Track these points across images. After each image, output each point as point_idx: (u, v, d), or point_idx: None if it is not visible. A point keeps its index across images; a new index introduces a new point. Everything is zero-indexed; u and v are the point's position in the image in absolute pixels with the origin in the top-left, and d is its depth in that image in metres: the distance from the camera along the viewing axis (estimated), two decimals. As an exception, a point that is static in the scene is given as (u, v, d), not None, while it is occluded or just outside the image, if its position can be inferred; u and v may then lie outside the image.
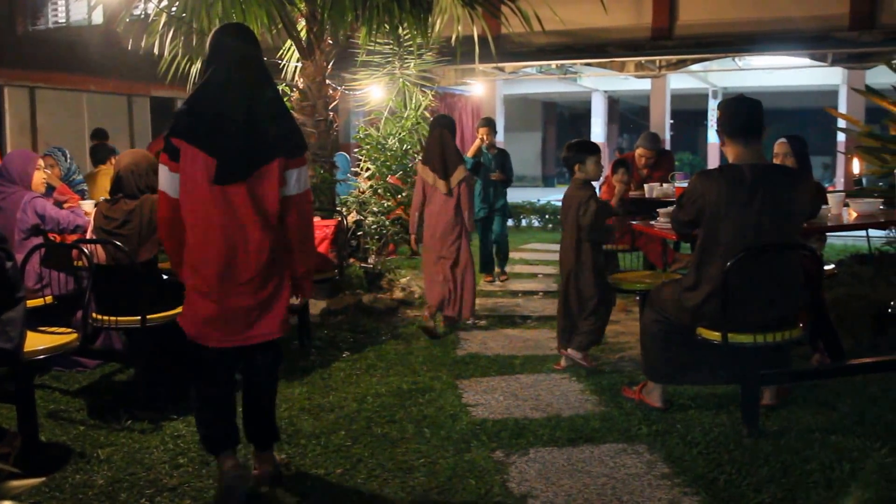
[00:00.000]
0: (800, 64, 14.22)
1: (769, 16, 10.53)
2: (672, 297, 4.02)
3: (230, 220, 3.07)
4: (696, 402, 4.34)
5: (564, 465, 3.63)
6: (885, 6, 10.11)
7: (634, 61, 11.96)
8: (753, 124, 3.88)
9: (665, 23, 11.10)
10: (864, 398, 4.31)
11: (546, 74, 16.08)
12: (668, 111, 16.24)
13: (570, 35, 11.12)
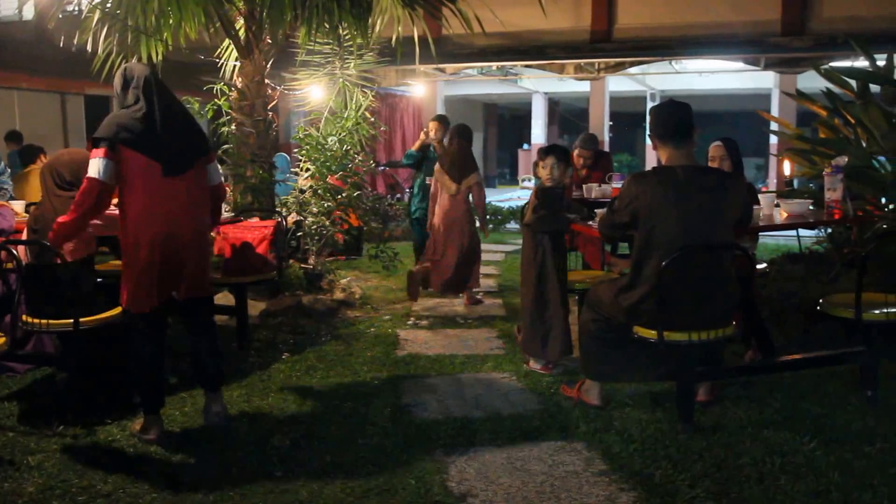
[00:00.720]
0: (734, 68, 14.54)
1: (704, 20, 10.75)
2: (608, 296, 4.09)
3: (175, 205, 3.92)
4: (633, 400, 4.42)
5: (504, 463, 3.66)
6: (814, 14, 10.40)
7: (574, 64, 12.07)
8: (684, 127, 3.97)
9: (604, 26, 11.24)
10: (794, 394, 4.43)
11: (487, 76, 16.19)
12: (607, 113, 16.48)
13: (511, 37, 11.20)
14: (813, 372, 4.67)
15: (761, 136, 17.25)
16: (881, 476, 3.39)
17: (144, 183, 3.86)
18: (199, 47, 7.23)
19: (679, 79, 18.67)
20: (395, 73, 12.05)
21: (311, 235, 7.26)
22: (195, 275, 4.04)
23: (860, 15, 10.09)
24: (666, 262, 3.72)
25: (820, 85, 6.78)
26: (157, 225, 3.86)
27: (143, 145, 3.85)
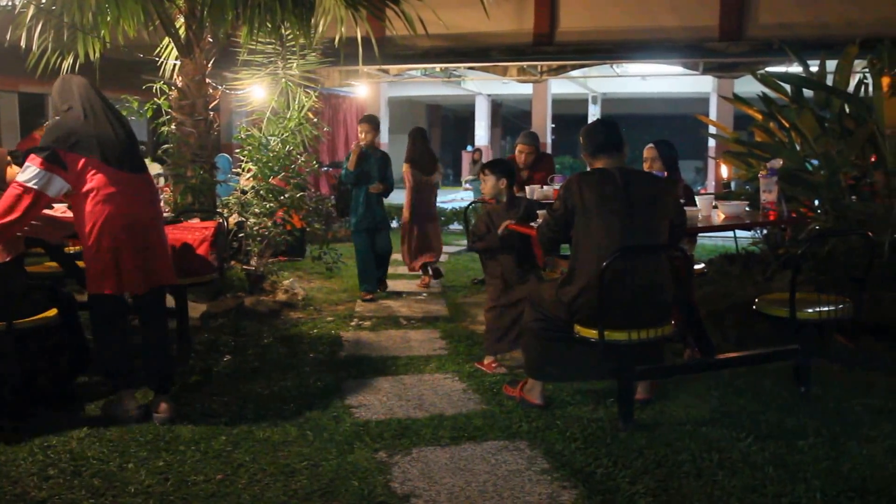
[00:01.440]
0: (674, 72, 14.81)
1: (645, 25, 10.92)
2: (550, 294, 4.14)
3: (138, 197, 4.16)
4: (574, 399, 4.47)
5: (447, 463, 3.66)
6: (751, 20, 10.64)
7: (517, 66, 12.16)
8: (613, 142, 4.14)
9: (546, 29, 11.34)
10: (731, 391, 4.54)
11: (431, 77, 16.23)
12: (550, 115, 16.64)
13: (455, 39, 11.23)
14: (749, 369, 4.79)
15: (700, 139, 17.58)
16: (813, 470, 3.48)
17: (108, 181, 4.00)
18: (138, 45, 7.10)
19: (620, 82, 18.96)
20: (339, 73, 12.00)
21: (253, 237, 7.18)
22: (161, 262, 4.27)
23: (794, 22, 10.35)
24: (605, 262, 3.78)
25: (756, 89, 6.95)
26: (124, 217, 4.04)
27: (97, 147, 3.99)
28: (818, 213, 6.25)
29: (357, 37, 6.74)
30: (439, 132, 30.56)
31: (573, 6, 11.31)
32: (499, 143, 29.47)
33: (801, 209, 6.31)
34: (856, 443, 3.77)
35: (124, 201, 4.05)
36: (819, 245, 5.83)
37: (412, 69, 13.66)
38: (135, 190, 4.14)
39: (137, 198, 4.14)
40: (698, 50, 10.87)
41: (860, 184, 6.35)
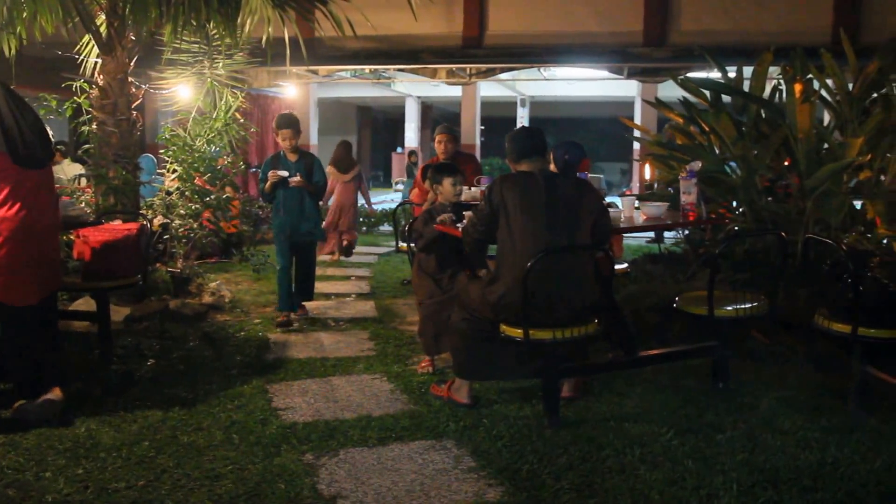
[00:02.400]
0: (599, 76, 15.04)
1: (571, 30, 11.08)
2: (477, 294, 4.19)
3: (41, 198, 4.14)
4: (501, 397, 4.53)
5: (374, 464, 3.68)
6: (674, 27, 10.90)
7: (446, 68, 12.22)
8: (537, 148, 4.24)
9: (475, 32, 11.42)
10: (653, 387, 4.65)
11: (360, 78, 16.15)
12: (479, 117, 16.72)
13: (384, 41, 11.22)
14: (670, 366, 4.92)
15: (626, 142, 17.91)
16: (730, 462, 3.61)
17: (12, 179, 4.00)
18: (57, 42, 6.92)
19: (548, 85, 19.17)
20: (267, 74, 11.88)
21: (179, 238, 7.07)
22: (56, 266, 4.33)
23: (714, 29, 10.64)
24: (530, 262, 3.84)
25: (679, 94, 7.12)
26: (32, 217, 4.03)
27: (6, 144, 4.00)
28: (736, 213, 6.44)
29: (285, 37, 6.70)
30: (369, 134, 30.45)
31: (502, 10, 11.42)
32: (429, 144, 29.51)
33: (720, 210, 6.49)
34: (770, 435, 3.91)
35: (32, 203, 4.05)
36: (736, 245, 6.01)
37: (342, 70, 13.60)
38: (40, 189, 4.12)
39: (42, 201, 4.13)
40: (623, 55, 11.09)
41: (775, 185, 6.56)
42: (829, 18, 10.17)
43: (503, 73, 12.68)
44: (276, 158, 6.62)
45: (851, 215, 6.16)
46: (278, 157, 6.61)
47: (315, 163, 6.66)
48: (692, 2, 10.92)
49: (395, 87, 20.51)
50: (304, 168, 6.53)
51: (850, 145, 5.79)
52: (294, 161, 6.54)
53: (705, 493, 3.33)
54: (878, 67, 6.14)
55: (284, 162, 6.54)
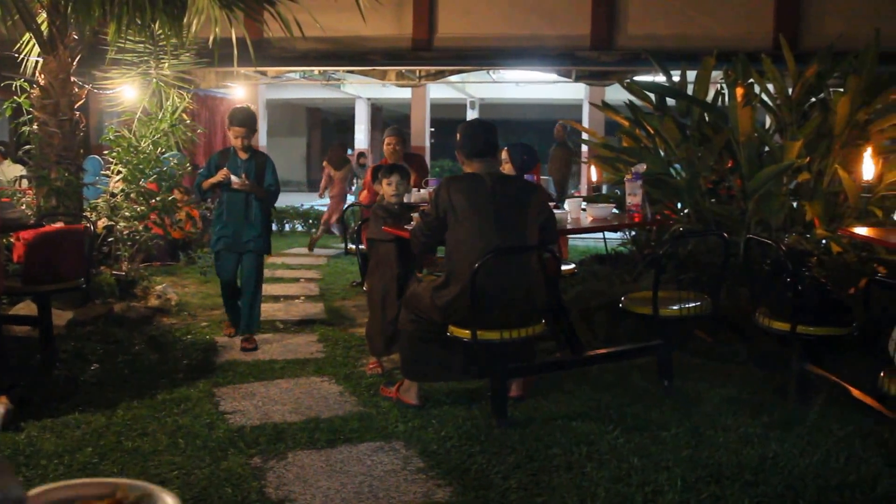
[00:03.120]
0: (548, 79, 15.19)
1: (520, 33, 11.16)
2: (425, 296, 4.20)
3: None
4: (450, 398, 4.55)
5: (323, 466, 3.67)
6: (620, 31, 11.04)
7: (395, 70, 12.22)
8: (489, 146, 4.22)
9: (425, 34, 11.44)
10: (600, 386, 4.71)
11: (310, 80, 16.07)
12: (429, 120, 16.76)
13: (334, 42, 11.18)
14: (617, 365, 4.99)
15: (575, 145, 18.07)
16: (675, 458, 3.66)
17: None
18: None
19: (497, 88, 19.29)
20: (215, 74, 11.75)
21: (124, 241, 6.96)
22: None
23: (660, 34, 10.81)
24: (478, 263, 3.87)
25: (625, 97, 7.22)
26: None
27: None
28: (680, 214, 6.56)
29: (232, 38, 6.63)
30: (319, 135, 30.29)
31: (451, 13, 11.46)
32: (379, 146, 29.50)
33: (665, 211, 6.60)
34: (713, 431, 3.99)
35: None
36: (681, 245, 6.12)
37: (291, 72, 13.52)
38: None
39: None
40: (571, 58, 11.21)
41: (718, 187, 6.70)
42: (771, 25, 10.39)
43: (452, 75, 12.73)
44: (225, 155, 5.92)
45: (791, 216, 6.31)
46: (228, 153, 5.92)
47: (267, 164, 5.95)
48: (639, 7, 11.07)
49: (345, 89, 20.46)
50: (255, 169, 5.85)
51: (790, 148, 5.94)
52: (244, 160, 5.86)
53: (650, 489, 3.38)
54: (817, 73, 6.30)
55: (234, 160, 5.87)
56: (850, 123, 6.01)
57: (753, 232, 5.98)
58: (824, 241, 6.01)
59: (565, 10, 11.16)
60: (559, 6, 11.20)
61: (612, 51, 11.03)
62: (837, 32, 7.64)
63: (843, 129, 6.04)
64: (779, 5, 10.51)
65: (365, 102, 22.91)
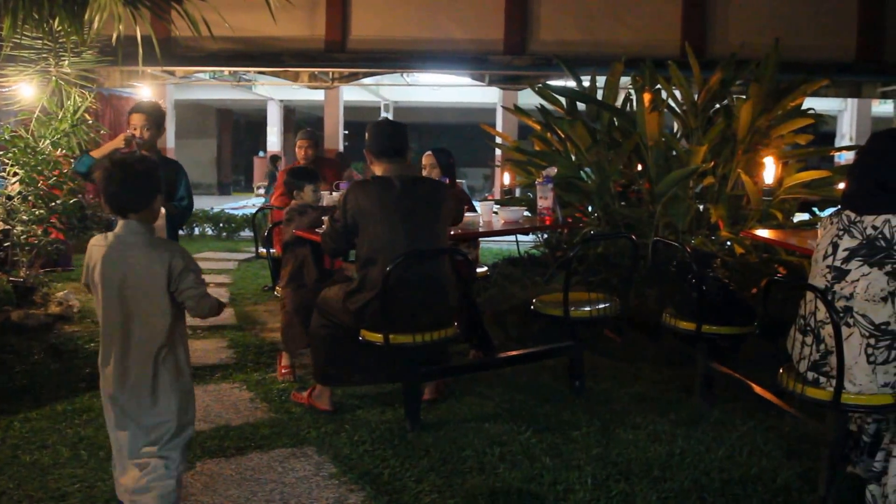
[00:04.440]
0: (462, 83, 15.27)
1: (433, 36, 11.19)
2: (337, 301, 4.15)
3: None
4: (363, 402, 4.51)
5: (233, 474, 3.59)
6: (533, 36, 11.19)
7: (308, 72, 12.10)
8: (398, 145, 4.16)
9: (338, 36, 11.36)
10: (512, 388, 4.75)
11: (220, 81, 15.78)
12: (342, 122, 16.65)
13: (245, 42, 10.99)
14: (529, 366, 5.03)
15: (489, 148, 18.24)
16: (586, 457, 3.73)
17: None
18: None
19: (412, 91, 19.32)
20: (120, 73, 11.42)
21: (22, 245, 6.68)
22: None
23: (572, 39, 10.99)
24: (389, 267, 3.84)
25: (538, 101, 7.31)
26: None
27: None
28: (591, 217, 6.67)
29: (137, 36, 6.44)
30: (230, 137, 29.75)
31: (364, 15, 11.41)
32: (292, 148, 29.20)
33: (576, 214, 6.71)
34: (623, 430, 4.07)
35: None
36: (591, 248, 6.22)
37: (200, 72, 13.24)
38: None
39: None
40: (484, 62, 11.30)
41: (628, 191, 6.85)
42: (678, 33, 10.68)
43: (366, 77, 12.68)
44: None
45: (697, 219, 6.49)
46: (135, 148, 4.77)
47: (180, 175, 4.91)
48: (551, 12, 11.24)
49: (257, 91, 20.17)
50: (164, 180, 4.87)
51: (695, 153, 6.10)
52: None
53: (562, 488, 3.42)
54: (721, 80, 6.50)
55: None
56: (751, 129, 6.22)
57: (661, 234, 6.13)
58: (728, 243, 6.20)
59: (479, 14, 11.24)
60: (473, 11, 11.27)
61: (524, 55, 11.16)
62: (741, 42, 7.89)
63: (745, 134, 6.24)
64: (686, 14, 10.82)
65: (277, 104, 22.63)
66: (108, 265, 2.84)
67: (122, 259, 2.83)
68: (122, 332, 2.90)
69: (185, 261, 2.85)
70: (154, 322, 2.87)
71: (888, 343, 3.11)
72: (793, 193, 6.25)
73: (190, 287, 2.84)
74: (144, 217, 2.89)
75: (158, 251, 2.84)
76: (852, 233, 3.18)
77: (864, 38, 10.98)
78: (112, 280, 2.84)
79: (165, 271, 2.80)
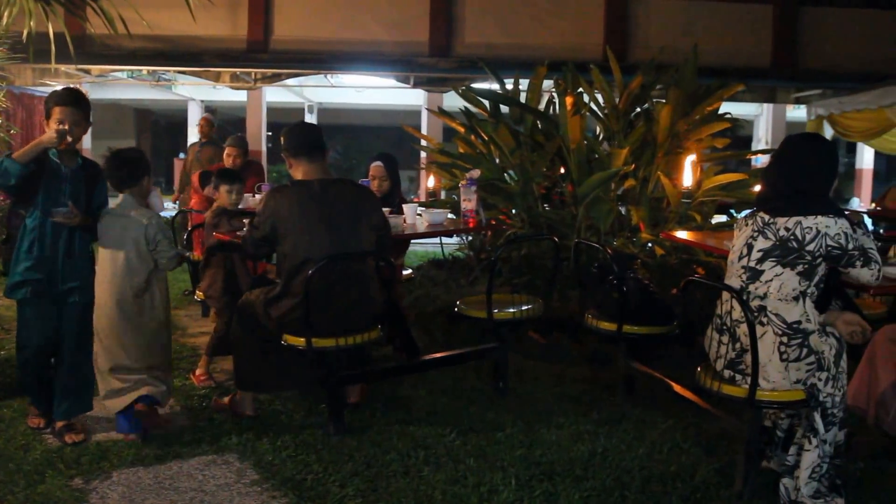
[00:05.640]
0: (387, 85, 15.23)
1: (358, 37, 11.16)
2: (259, 307, 4.08)
3: None
4: (287, 407, 4.45)
5: (151, 484, 3.50)
6: (458, 38, 11.26)
7: (230, 72, 11.93)
8: (315, 145, 4.11)
9: (260, 36, 11.23)
10: (437, 390, 4.75)
11: (138, 80, 15.39)
12: (265, 124, 16.42)
13: (165, 41, 10.78)
14: (454, 369, 5.04)
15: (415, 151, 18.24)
16: (509, 458, 3.75)
17: None
18: None
19: (336, 93, 19.17)
20: (32, 71, 11.08)
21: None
22: None
23: (496, 42, 11.10)
24: (311, 271, 3.79)
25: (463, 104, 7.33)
26: None
27: None
28: (515, 219, 6.71)
29: (50, 32, 6.24)
30: (150, 139, 29.07)
31: (288, 15, 11.30)
32: (215, 150, 28.68)
33: (500, 216, 6.74)
34: (546, 430, 4.11)
35: None
36: (515, 249, 6.27)
37: (117, 71, 12.91)
38: None
39: None
40: (409, 64, 11.32)
41: (551, 193, 6.92)
42: (601, 37, 10.88)
43: (289, 78, 12.56)
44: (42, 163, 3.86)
45: (619, 221, 6.59)
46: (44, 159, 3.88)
47: (100, 178, 4.13)
48: (475, 16, 11.32)
49: (177, 90, 19.73)
50: (83, 183, 4.03)
51: (617, 156, 6.20)
52: (71, 169, 3.98)
53: (486, 489, 3.43)
54: (641, 84, 6.62)
55: (55, 169, 3.93)
56: (671, 133, 6.35)
57: (584, 236, 6.21)
58: (649, 245, 6.32)
59: (404, 16, 11.25)
60: (398, 13, 11.28)
61: (449, 58, 11.22)
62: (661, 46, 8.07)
63: (665, 138, 6.37)
64: (608, 19, 11.04)
65: (198, 105, 22.18)
66: (108, 222, 4.03)
67: (119, 219, 4.02)
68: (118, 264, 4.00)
69: (158, 228, 3.99)
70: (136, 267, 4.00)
71: (800, 341, 3.22)
72: (711, 196, 6.40)
73: (163, 250, 3.99)
74: (135, 192, 4.06)
75: (139, 218, 3.99)
76: (766, 234, 3.28)
77: (779, 46, 11.38)
78: (112, 233, 4.02)
79: (143, 233, 3.97)
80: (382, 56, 11.24)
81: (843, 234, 3.17)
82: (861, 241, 3.23)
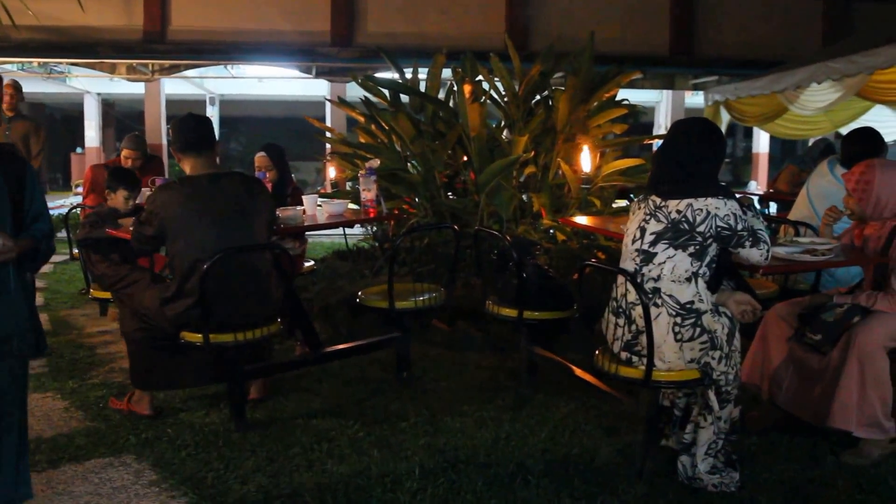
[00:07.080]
0: (290, 75, 15.02)
1: (258, 27, 10.96)
2: (153, 306, 3.98)
3: None
4: (187, 405, 4.37)
5: (44, 489, 3.39)
6: (360, 28, 11.17)
7: (126, 64, 11.57)
8: (203, 138, 4.02)
9: (157, 26, 10.92)
10: (340, 382, 4.74)
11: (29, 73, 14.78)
12: (164, 116, 15.98)
13: (57, 32, 10.37)
14: (357, 360, 5.03)
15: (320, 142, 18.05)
16: (414, 447, 3.77)
17: None
18: None
19: (238, 84, 18.84)
20: None
21: None
22: None
23: (398, 31, 11.06)
24: (206, 265, 3.72)
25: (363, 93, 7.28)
26: None
27: None
28: (418, 208, 6.72)
29: (-74, 23, 5.95)
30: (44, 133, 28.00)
31: (185, 4, 11.02)
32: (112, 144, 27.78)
33: (403, 206, 6.74)
34: (450, 418, 4.14)
35: None
36: (418, 239, 6.28)
37: (5, 63, 12.37)
38: None
39: None
40: (310, 54, 11.19)
41: (454, 181, 6.94)
42: (502, 26, 10.96)
43: (188, 69, 12.29)
44: None
45: (521, 208, 6.67)
46: None
47: (28, 175, 2.96)
48: (377, 4, 11.25)
49: (72, 83, 19.05)
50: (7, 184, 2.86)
51: (517, 143, 6.26)
52: None
53: (390, 479, 3.43)
54: (540, 72, 6.69)
55: None
56: (570, 120, 6.44)
57: (487, 223, 6.25)
58: (551, 231, 6.41)
59: (305, 5, 11.11)
60: (299, 2, 11.13)
61: (351, 47, 11.13)
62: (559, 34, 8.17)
63: (564, 125, 6.46)
64: (509, 8, 11.12)
65: (95, 98, 21.47)
66: None
67: None
68: None
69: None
70: None
71: (693, 321, 3.30)
72: (610, 181, 6.53)
73: None
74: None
75: None
76: (658, 217, 3.35)
77: (676, 33, 11.67)
78: None
79: None
80: (284, 46, 11.07)
81: (733, 215, 3.26)
82: (750, 222, 3.33)
